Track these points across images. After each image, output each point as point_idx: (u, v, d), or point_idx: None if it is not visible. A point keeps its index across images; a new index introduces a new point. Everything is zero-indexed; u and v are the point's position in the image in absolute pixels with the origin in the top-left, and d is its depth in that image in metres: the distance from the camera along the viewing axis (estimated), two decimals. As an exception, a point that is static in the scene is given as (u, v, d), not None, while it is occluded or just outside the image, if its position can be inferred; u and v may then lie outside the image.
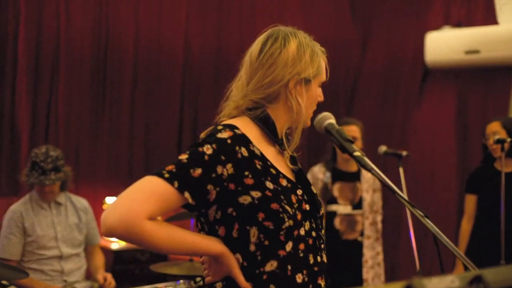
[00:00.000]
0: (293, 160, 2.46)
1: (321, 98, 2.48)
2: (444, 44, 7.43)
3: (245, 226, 2.22)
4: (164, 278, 4.63)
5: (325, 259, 2.40)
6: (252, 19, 8.06)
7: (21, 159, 7.02)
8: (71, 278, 4.89)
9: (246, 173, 2.20)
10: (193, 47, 7.93)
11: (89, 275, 5.23)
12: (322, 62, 2.51)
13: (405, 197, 1.98)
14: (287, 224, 2.22)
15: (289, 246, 2.25)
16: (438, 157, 7.82)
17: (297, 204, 2.28)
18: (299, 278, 2.27)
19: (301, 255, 2.29)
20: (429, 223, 1.98)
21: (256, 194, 2.19)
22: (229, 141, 2.20)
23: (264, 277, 2.23)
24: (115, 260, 6.67)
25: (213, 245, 2.20)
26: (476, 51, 7.24)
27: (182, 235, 2.16)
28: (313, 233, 2.35)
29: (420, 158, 7.77)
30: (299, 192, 2.35)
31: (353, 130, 5.53)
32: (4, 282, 3.52)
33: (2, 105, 6.96)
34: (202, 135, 2.34)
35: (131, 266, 6.70)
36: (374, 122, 8.16)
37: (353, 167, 5.68)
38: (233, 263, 2.21)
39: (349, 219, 5.57)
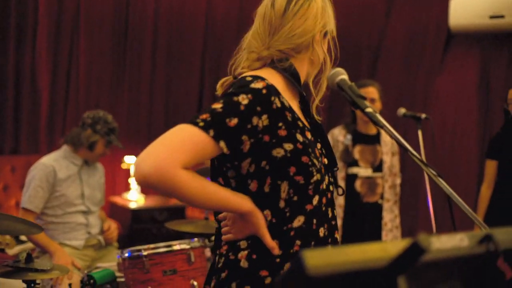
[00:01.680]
0: (308, 113, 2.43)
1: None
2: (469, 8, 7.32)
3: (277, 181, 2.18)
4: (181, 236, 4.64)
5: (336, 213, 2.41)
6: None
7: (41, 118, 7.07)
8: (94, 230, 5.04)
9: (280, 124, 2.16)
10: (215, 8, 7.88)
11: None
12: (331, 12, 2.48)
13: (418, 155, 1.94)
14: (315, 178, 2.22)
15: (315, 200, 2.25)
16: (460, 122, 7.75)
17: (320, 158, 2.29)
18: (321, 232, 2.28)
19: (323, 209, 2.29)
20: (442, 182, 1.94)
21: (288, 146, 2.16)
22: (264, 91, 2.14)
23: (292, 233, 2.21)
24: (133, 219, 6.72)
25: (243, 202, 2.14)
26: (500, 16, 7.14)
27: (214, 188, 2.12)
28: (331, 187, 2.36)
29: (441, 122, 7.72)
30: (319, 145, 2.35)
31: (370, 92, 5.54)
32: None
33: (23, 65, 6.98)
34: (220, 88, 2.35)
35: (148, 225, 6.74)
36: (396, 85, 8.11)
37: (373, 129, 5.69)
38: (262, 222, 2.16)
39: (370, 182, 5.56)
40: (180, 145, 1.97)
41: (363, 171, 5.56)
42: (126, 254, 3.77)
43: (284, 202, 2.20)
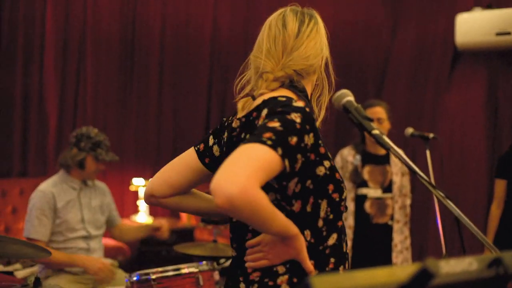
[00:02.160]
0: None
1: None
2: (475, 25, 7.32)
3: (318, 200, 2.19)
4: (189, 259, 4.63)
5: None
6: (281, 0, 7.99)
7: (49, 140, 7.09)
8: (96, 255, 4.96)
9: (320, 141, 2.15)
10: (222, 27, 7.92)
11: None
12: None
13: (426, 177, 1.92)
14: (345, 194, 2.26)
15: (343, 217, 2.31)
16: (468, 140, 7.73)
17: None
18: (344, 247, 2.31)
19: (339, 224, 2.32)
20: (450, 204, 1.93)
21: (327, 163, 2.18)
22: (307, 109, 2.11)
23: (327, 251, 2.23)
24: (141, 241, 6.70)
25: (292, 225, 2.09)
26: (507, 33, 7.13)
27: (276, 210, 2.02)
28: (342, 203, 2.34)
29: (449, 141, 7.70)
30: None
31: (378, 112, 5.51)
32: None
33: (31, 87, 7.01)
34: (241, 110, 2.34)
35: (157, 247, 6.73)
36: (403, 104, 8.10)
37: (382, 150, 5.63)
38: (303, 245, 2.13)
39: (379, 203, 5.51)
40: (256, 164, 1.90)
41: (373, 191, 5.51)
42: (135, 278, 3.75)
43: (322, 221, 2.22)
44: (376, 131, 1.96)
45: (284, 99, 2.19)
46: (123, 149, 7.46)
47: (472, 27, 7.35)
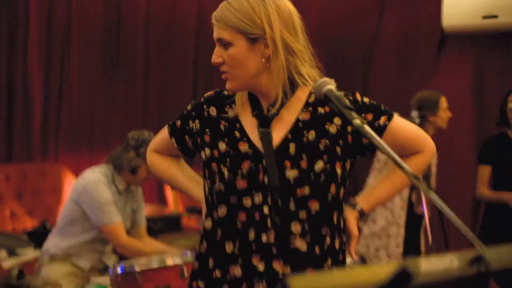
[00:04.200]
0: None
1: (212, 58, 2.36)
2: (461, 8, 7.29)
3: (204, 179, 2.42)
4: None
5: (267, 239, 2.27)
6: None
7: (34, 126, 7.05)
8: (107, 258, 4.90)
9: (207, 130, 2.41)
10: (207, 13, 7.81)
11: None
12: None
13: (408, 169, 1.89)
14: (216, 187, 2.30)
15: (222, 210, 2.31)
16: (455, 124, 7.69)
17: (246, 172, 2.26)
18: (228, 247, 2.29)
19: (239, 225, 2.27)
20: (433, 196, 1.89)
21: (207, 150, 2.38)
22: (202, 99, 2.48)
23: (202, 232, 2.45)
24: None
25: (195, 190, 2.59)
26: (494, 16, 7.11)
27: (175, 173, 2.66)
28: (265, 209, 2.26)
29: (436, 125, 7.69)
30: (264, 162, 2.27)
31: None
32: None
33: (15, 74, 6.98)
34: None
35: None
36: (390, 90, 8.08)
37: None
38: (203, 209, 2.50)
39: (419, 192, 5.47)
40: (156, 137, 2.70)
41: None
42: (119, 270, 3.73)
43: (205, 200, 2.44)
44: (356, 121, 1.92)
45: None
46: (110, 135, 7.42)
47: (459, 10, 7.32)
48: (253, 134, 2.32)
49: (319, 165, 2.27)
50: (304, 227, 2.27)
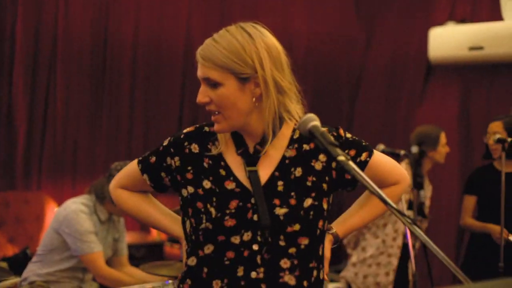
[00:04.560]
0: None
1: (197, 98, 2.30)
2: (448, 40, 7.34)
3: (184, 217, 2.38)
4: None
5: (257, 275, 2.25)
6: (255, 15, 7.94)
7: (18, 154, 6.98)
8: (86, 286, 4.84)
9: (189, 168, 2.34)
10: (194, 42, 7.82)
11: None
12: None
13: (393, 204, 1.88)
14: (203, 225, 2.25)
15: (208, 249, 2.27)
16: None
17: (234, 211, 2.23)
18: (216, 285, 2.26)
19: (227, 263, 2.24)
20: (417, 230, 1.88)
21: (190, 189, 2.31)
22: (182, 136, 2.39)
23: (186, 269, 2.37)
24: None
25: (173, 228, 2.53)
26: (480, 47, 7.15)
27: (149, 210, 2.58)
28: (254, 246, 2.24)
29: (422, 155, 7.69)
30: (253, 200, 2.25)
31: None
32: None
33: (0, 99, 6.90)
34: None
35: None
36: (377, 119, 8.11)
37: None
38: (183, 247, 2.45)
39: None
40: (123, 173, 2.61)
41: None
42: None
43: (188, 238, 2.37)
44: (341, 158, 1.90)
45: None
46: (94, 164, 7.37)
47: (446, 41, 7.37)
48: (239, 172, 2.29)
49: (308, 202, 2.27)
50: (293, 262, 2.26)
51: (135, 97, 7.64)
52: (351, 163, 1.90)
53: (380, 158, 2.47)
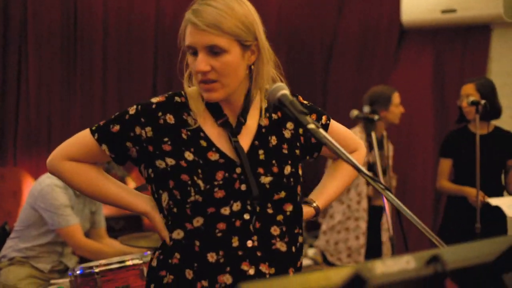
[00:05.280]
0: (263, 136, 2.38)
1: (196, 67, 2.22)
2: (420, 3, 7.34)
3: (159, 190, 2.30)
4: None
5: (253, 243, 2.27)
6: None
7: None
8: (67, 260, 4.84)
9: (166, 139, 2.26)
10: (165, 9, 7.77)
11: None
12: (184, 28, 2.29)
13: (365, 171, 1.90)
14: (192, 198, 2.20)
15: (197, 221, 2.23)
16: (416, 119, 7.75)
17: (222, 182, 2.22)
18: (211, 257, 2.23)
19: (219, 234, 2.23)
20: (390, 196, 1.90)
21: (170, 161, 2.24)
22: (154, 106, 2.30)
23: (171, 242, 2.29)
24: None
25: (139, 202, 2.40)
26: (452, 10, 7.16)
27: (107, 184, 2.41)
28: (246, 216, 2.25)
29: (397, 119, 7.73)
30: (238, 170, 2.26)
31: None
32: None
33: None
34: None
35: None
36: (351, 85, 8.11)
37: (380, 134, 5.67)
38: (156, 219, 2.35)
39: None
40: (71, 143, 2.40)
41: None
42: (78, 271, 3.69)
43: (166, 211, 2.30)
44: (311, 125, 1.91)
45: (165, 95, 2.38)
46: (68, 137, 7.32)
47: (418, 4, 7.37)
48: (220, 143, 2.29)
49: (288, 169, 2.33)
50: (282, 229, 2.32)
51: (108, 70, 7.58)
52: (321, 130, 1.92)
53: (337, 124, 2.59)
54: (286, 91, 2.06)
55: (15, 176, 6.93)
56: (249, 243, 2.25)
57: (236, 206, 2.23)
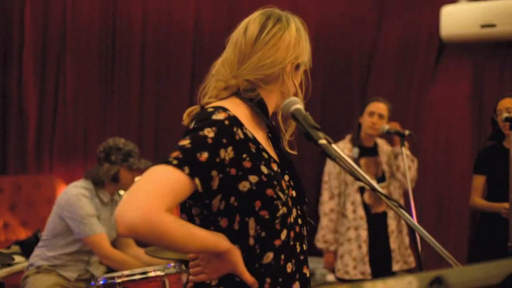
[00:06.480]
0: (277, 144, 2.36)
1: (299, 83, 2.33)
2: (460, 18, 7.27)
3: (245, 218, 2.09)
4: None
5: (306, 247, 2.31)
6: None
7: (29, 139, 7.04)
8: (93, 268, 4.85)
9: (244, 155, 2.08)
10: (204, 26, 7.80)
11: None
12: (305, 42, 2.34)
13: (380, 189, 1.87)
14: (281, 211, 2.12)
15: (283, 234, 2.16)
16: (453, 135, 7.68)
17: (287, 190, 2.20)
18: (289, 267, 2.19)
19: (291, 243, 2.20)
20: (404, 214, 1.87)
21: (253, 178, 2.07)
22: (226, 122, 2.06)
23: (262, 270, 2.13)
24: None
25: (221, 241, 2.04)
26: (492, 25, 7.09)
27: (195, 230, 2.00)
28: (299, 220, 2.26)
29: (434, 135, 7.66)
30: (286, 177, 2.25)
31: (380, 108, 5.56)
32: None
33: (9, 86, 6.97)
34: (186, 118, 2.29)
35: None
36: (389, 99, 8.03)
37: (371, 141, 5.68)
38: (239, 259, 2.06)
39: (375, 194, 5.49)
40: (161, 188, 1.86)
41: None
42: (101, 282, 3.70)
43: (253, 239, 2.12)
44: (322, 141, 1.88)
45: (211, 110, 2.13)
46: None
47: (457, 19, 7.30)
48: (271, 152, 2.27)
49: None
50: (305, 230, 2.34)
51: (145, 81, 7.64)
52: (333, 146, 1.89)
53: None
54: (299, 105, 2.05)
55: (51, 183, 7.00)
56: (304, 247, 2.28)
57: (294, 212, 2.23)
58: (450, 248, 6.84)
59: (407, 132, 4.75)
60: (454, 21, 7.34)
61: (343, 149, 5.59)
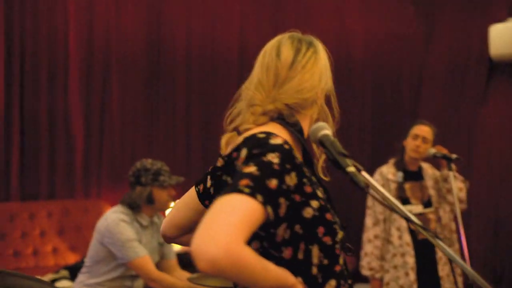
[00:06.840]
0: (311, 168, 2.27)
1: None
2: (509, 36, 7.14)
3: (309, 246, 2.01)
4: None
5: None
6: (309, 17, 7.87)
7: (77, 163, 7.08)
8: None
9: (304, 180, 1.98)
10: (249, 46, 7.77)
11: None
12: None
13: (416, 220, 1.80)
14: (339, 235, 2.07)
15: (342, 258, 2.11)
16: (507, 155, 7.52)
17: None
18: None
19: (345, 267, 2.15)
20: (440, 244, 1.79)
21: (315, 204, 1.99)
22: (286, 146, 1.95)
23: None
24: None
25: (288, 275, 1.90)
26: (542, 43, 6.96)
27: (268, 264, 1.84)
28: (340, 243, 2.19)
29: (487, 155, 7.51)
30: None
31: (425, 130, 5.48)
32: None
33: (56, 109, 7.01)
34: (224, 146, 2.21)
35: (189, 270, 6.60)
36: (440, 119, 7.93)
37: (415, 166, 5.58)
38: None
39: (422, 218, 5.41)
40: (238, 219, 1.72)
41: (415, 208, 5.43)
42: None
43: (316, 268, 2.03)
44: (351, 169, 1.82)
45: (263, 135, 2.01)
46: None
47: (507, 37, 7.17)
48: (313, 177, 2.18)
49: None
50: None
51: (191, 102, 7.64)
52: (363, 173, 1.83)
53: None
54: (327, 131, 1.98)
55: (98, 208, 7.01)
56: (348, 271, 2.19)
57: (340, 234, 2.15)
58: (506, 272, 6.68)
59: (454, 156, 4.66)
60: (503, 40, 7.22)
61: (387, 173, 5.52)
